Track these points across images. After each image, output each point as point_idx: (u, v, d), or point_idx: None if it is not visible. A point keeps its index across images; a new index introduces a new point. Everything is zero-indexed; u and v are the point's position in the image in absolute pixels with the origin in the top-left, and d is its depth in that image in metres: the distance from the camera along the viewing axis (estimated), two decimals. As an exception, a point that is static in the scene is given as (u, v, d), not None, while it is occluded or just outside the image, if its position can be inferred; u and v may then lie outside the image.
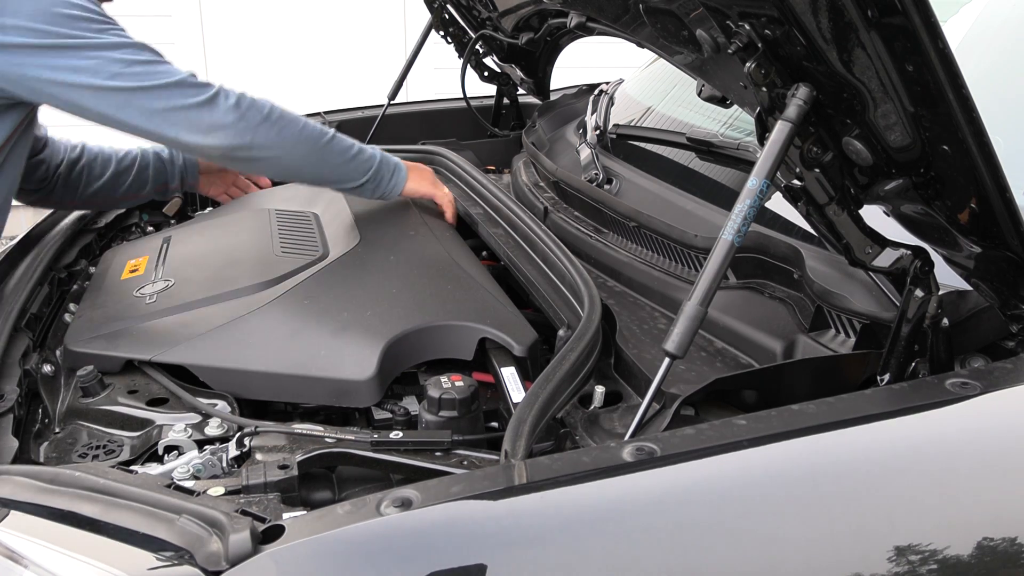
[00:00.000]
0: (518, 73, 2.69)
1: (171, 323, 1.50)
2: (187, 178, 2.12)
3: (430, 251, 1.72)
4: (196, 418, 1.31)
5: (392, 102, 2.77)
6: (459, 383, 1.27)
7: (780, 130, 1.04)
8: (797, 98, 1.04)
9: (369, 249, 1.68)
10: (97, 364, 1.41)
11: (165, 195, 2.15)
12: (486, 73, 2.76)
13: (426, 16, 2.72)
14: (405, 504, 0.85)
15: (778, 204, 1.42)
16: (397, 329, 1.41)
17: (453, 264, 1.66)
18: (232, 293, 1.56)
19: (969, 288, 1.15)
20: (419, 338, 1.42)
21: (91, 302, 1.67)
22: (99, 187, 2.01)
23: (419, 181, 1.91)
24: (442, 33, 2.72)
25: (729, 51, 1.07)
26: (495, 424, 1.39)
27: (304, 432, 1.23)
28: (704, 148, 1.75)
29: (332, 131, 1.72)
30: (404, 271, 1.61)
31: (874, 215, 1.14)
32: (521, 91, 2.82)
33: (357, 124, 2.74)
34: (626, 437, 1.06)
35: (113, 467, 1.11)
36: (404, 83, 2.81)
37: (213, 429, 1.27)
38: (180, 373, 1.42)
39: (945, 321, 1.11)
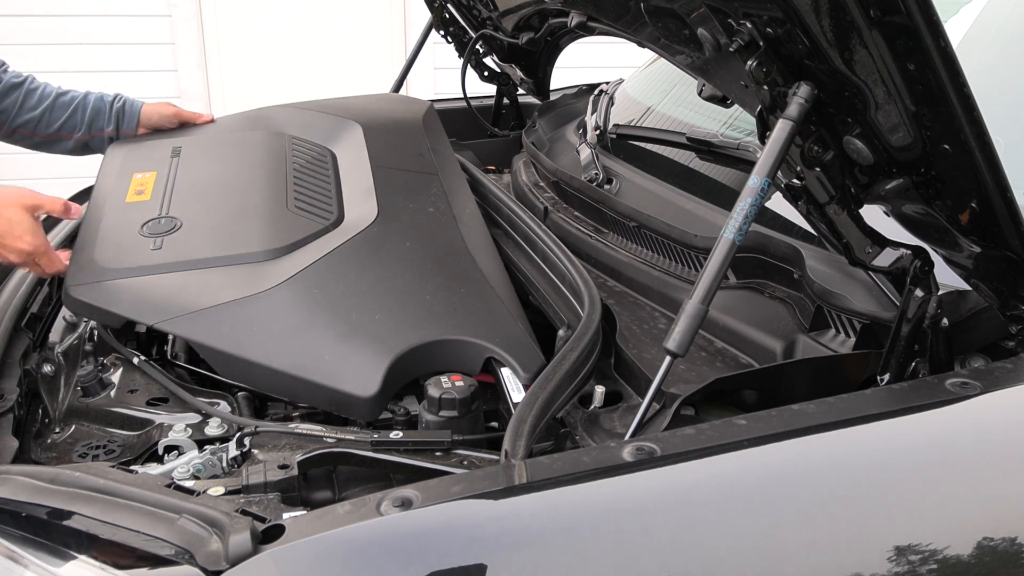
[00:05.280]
0: (518, 73, 2.69)
1: (175, 283, 1.45)
2: (122, 125, 2.01)
3: (447, 238, 1.64)
4: (196, 418, 1.30)
5: (392, 102, 2.77)
6: (459, 383, 1.27)
7: (781, 128, 1.04)
8: (798, 96, 1.04)
9: (385, 228, 1.60)
10: (97, 317, 1.37)
11: (101, 144, 2.04)
12: (486, 73, 2.76)
13: (426, 16, 2.72)
14: (405, 504, 0.85)
15: (778, 204, 1.42)
16: (404, 344, 1.35)
17: (469, 259, 1.59)
18: (240, 257, 1.50)
19: (969, 288, 1.15)
20: (425, 352, 1.37)
21: (94, 230, 1.60)
22: (28, 119, 1.94)
23: None
24: (442, 33, 2.72)
25: (731, 50, 1.07)
26: (495, 424, 1.39)
27: (304, 432, 1.23)
28: (704, 148, 1.75)
29: None
30: (418, 264, 1.54)
31: (874, 215, 1.14)
32: (521, 91, 2.82)
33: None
34: (626, 437, 1.06)
35: (113, 467, 1.11)
36: (404, 83, 2.81)
37: (213, 429, 1.27)
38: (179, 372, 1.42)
39: (945, 321, 1.11)
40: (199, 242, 1.55)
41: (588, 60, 3.48)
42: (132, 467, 1.19)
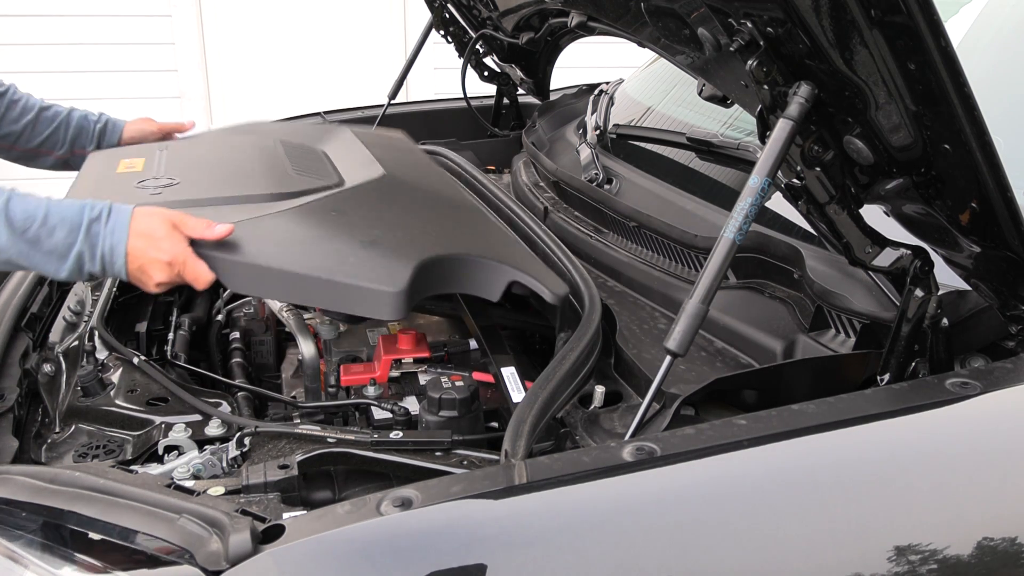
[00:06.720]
0: (518, 73, 2.69)
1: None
2: (102, 144, 1.94)
3: (458, 196, 1.64)
4: (196, 418, 1.31)
5: (392, 102, 2.78)
6: (459, 383, 1.27)
7: (782, 128, 1.04)
8: (799, 96, 1.04)
9: (392, 181, 1.55)
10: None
11: (81, 163, 1.88)
12: (486, 73, 2.76)
13: (426, 16, 2.72)
14: (405, 504, 0.85)
15: (778, 204, 1.42)
16: (432, 252, 1.29)
17: (482, 211, 1.59)
18: (245, 198, 1.41)
19: (969, 288, 1.15)
20: (452, 266, 1.31)
21: (84, 190, 1.49)
22: (8, 132, 1.87)
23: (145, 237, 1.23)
24: (442, 33, 2.72)
25: (731, 49, 1.07)
26: (495, 424, 1.39)
27: (304, 432, 1.23)
28: (704, 148, 1.75)
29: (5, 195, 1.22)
30: (433, 205, 1.50)
31: (874, 215, 1.14)
32: (521, 91, 2.82)
33: (357, 124, 2.74)
34: (626, 437, 1.06)
35: (113, 467, 1.11)
36: (404, 83, 2.81)
37: (213, 429, 1.27)
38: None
39: (945, 321, 1.11)
40: (200, 190, 1.44)
41: (588, 60, 3.48)
42: (132, 467, 1.19)
